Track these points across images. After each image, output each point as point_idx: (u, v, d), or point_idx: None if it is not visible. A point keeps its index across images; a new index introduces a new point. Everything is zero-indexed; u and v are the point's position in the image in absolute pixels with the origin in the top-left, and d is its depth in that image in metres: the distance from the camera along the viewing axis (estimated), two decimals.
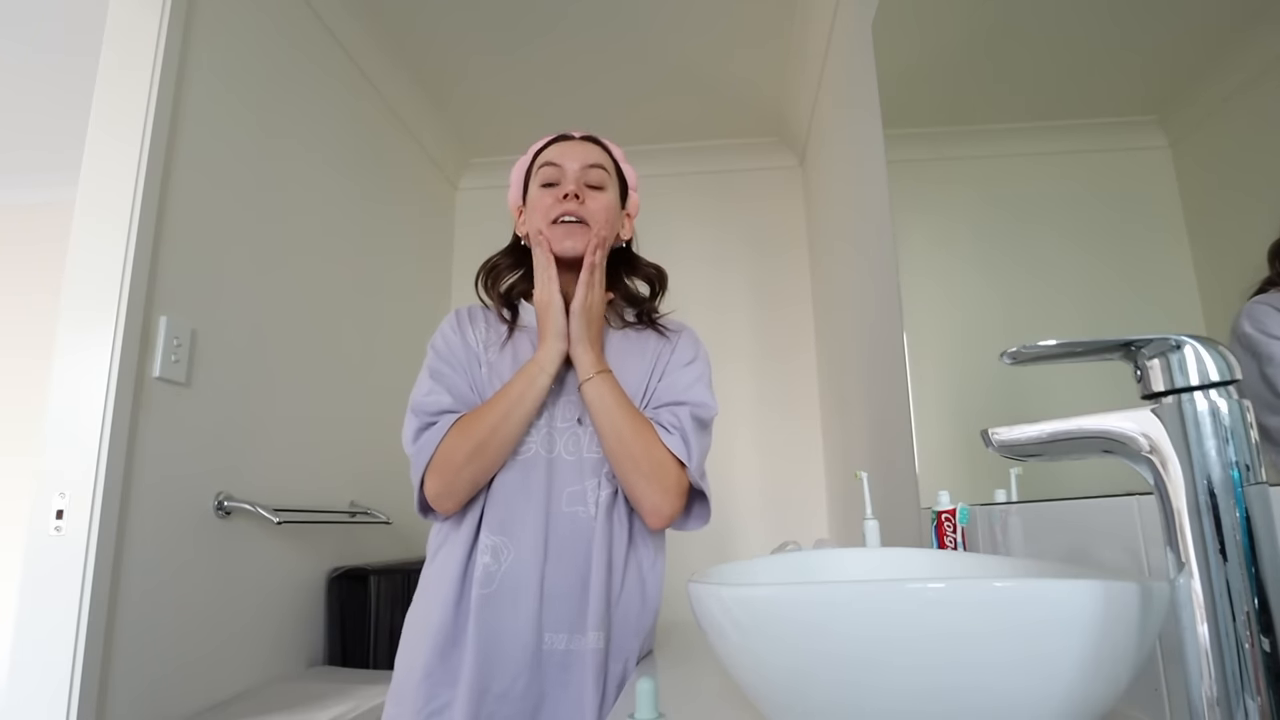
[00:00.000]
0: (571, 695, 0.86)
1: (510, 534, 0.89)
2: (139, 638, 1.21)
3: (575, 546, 0.89)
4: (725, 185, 2.66)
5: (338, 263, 1.90)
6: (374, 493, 1.95)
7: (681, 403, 0.94)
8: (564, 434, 0.93)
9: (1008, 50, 0.89)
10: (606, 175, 0.98)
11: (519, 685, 0.85)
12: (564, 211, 0.94)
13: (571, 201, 0.94)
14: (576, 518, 0.90)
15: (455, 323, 0.99)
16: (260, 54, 1.61)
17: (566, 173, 0.96)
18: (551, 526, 0.90)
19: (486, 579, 0.87)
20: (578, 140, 1.01)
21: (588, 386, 0.90)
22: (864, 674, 0.38)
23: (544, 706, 0.86)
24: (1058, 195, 0.77)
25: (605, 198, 0.97)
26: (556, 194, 0.95)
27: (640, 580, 0.92)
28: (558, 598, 0.88)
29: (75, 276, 1.23)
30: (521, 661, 0.85)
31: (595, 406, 0.90)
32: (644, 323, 1.02)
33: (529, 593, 0.87)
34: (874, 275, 1.55)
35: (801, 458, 2.40)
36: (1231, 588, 0.33)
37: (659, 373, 0.98)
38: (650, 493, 0.88)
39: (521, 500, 0.90)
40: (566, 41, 2.10)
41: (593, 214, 0.95)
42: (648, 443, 0.89)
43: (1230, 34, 0.54)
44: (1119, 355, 0.37)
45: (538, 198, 0.97)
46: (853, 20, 1.64)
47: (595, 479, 0.92)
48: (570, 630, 0.87)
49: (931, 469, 1.17)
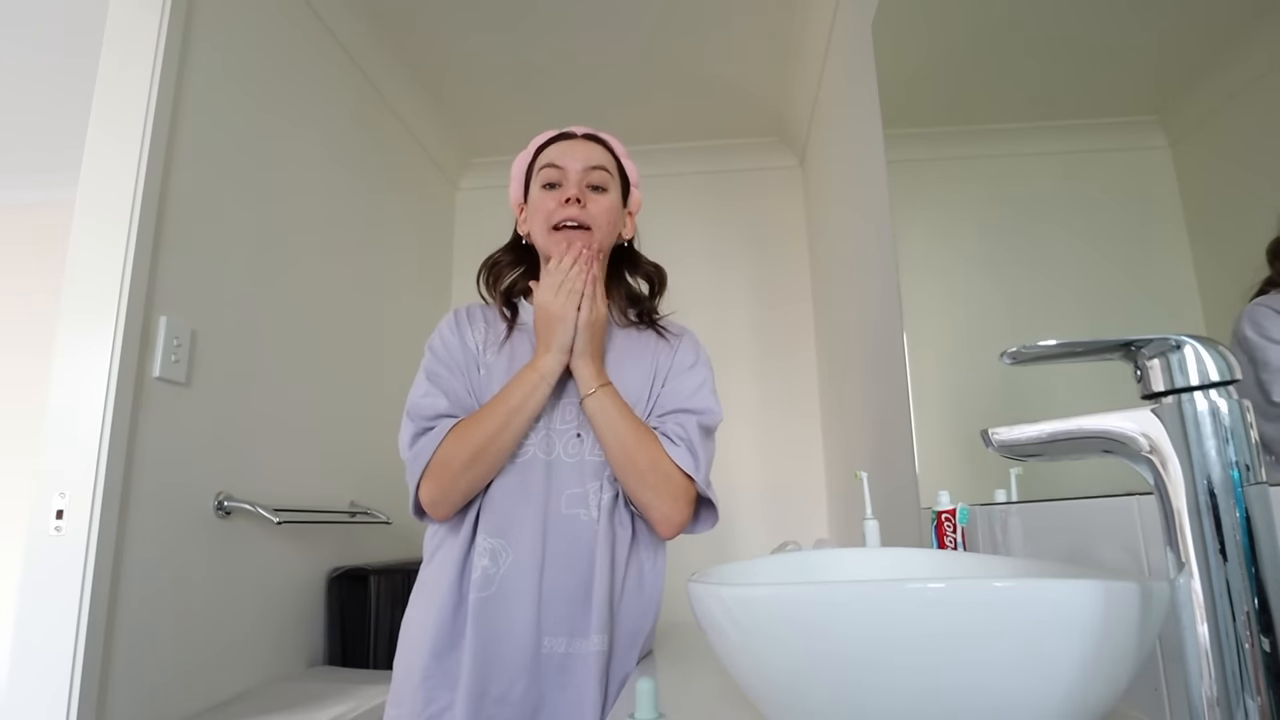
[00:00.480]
0: (570, 698, 0.85)
1: (508, 537, 0.89)
2: (139, 637, 1.21)
3: (575, 550, 0.89)
4: (725, 185, 2.66)
5: (338, 263, 1.90)
6: (374, 493, 1.95)
7: (687, 410, 0.93)
8: (563, 436, 0.93)
9: (1008, 50, 0.89)
10: (609, 176, 0.98)
11: (518, 688, 0.85)
12: (566, 216, 0.94)
13: (573, 206, 0.94)
14: (577, 520, 0.90)
15: (454, 324, 0.99)
16: (260, 54, 1.61)
17: (568, 175, 0.96)
18: (550, 529, 0.89)
19: (485, 582, 0.87)
20: (580, 139, 1.00)
21: (590, 401, 0.90)
22: (864, 674, 0.38)
23: (543, 709, 0.85)
24: (1058, 195, 0.77)
25: (607, 199, 0.97)
26: (559, 197, 0.95)
27: (640, 581, 0.92)
28: (557, 601, 0.87)
29: (75, 276, 1.23)
30: (520, 665, 0.85)
31: (598, 420, 0.89)
32: (644, 323, 1.02)
33: (527, 596, 0.86)
34: (874, 275, 1.55)
35: (801, 458, 2.40)
36: (1231, 588, 0.33)
37: (661, 378, 0.97)
38: (659, 503, 0.88)
39: (519, 503, 0.90)
40: (567, 41, 2.10)
41: (594, 217, 0.95)
42: (654, 456, 0.88)
43: (1231, 33, 0.54)
44: (1119, 355, 0.37)
45: (539, 199, 0.97)
46: (853, 20, 1.64)
47: (597, 482, 0.91)
48: (570, 634, 0.87)
49: (931, 469, 1.17)
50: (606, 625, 0.87)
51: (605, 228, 0.96)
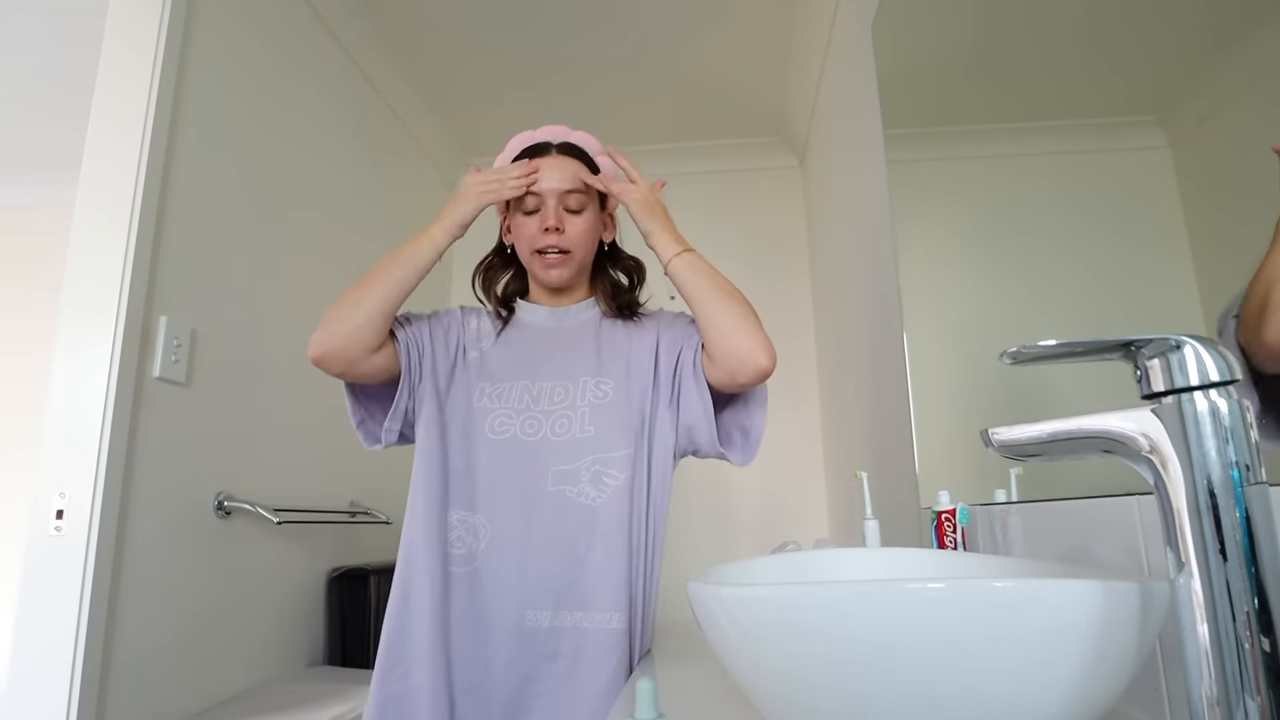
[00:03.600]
0: (564, 669, 0.88)
1: (489, 513, 0.92)
2: (139, 637, 1.21)
3: (563, 526, 0.91)
4: (725, 185, 2.66)
5: (337, 262, 1.90)
6: (374, 493, 1.95)
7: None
8: (551, 416, 0.95)
9: (1008, 50, 0.89)
10: (585, 197, 1.01)
11: (501, 658, 0.88)
12: (546, 244, 0.99)
13: (553, 235, 0.98)
14: (564, 497, 0.92)
15: (459, 312, 1.06)
16: (260, 53, 1.61)
17: (546, 200, 0.99)
18: (534, 506, 0.92)
19: (467, 556, 0.91)
20: (555, 155, 1.02)
21: (678, 261, 0.94)
22: (864, 674, 0.38)
23: (535, 680, 0.88)
24: (1058, 195, 0.77)
25: (584, 221, 1.01)
26: (538, 225, 0.99)
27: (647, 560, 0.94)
28: (541, 576, 0.90)
29: (75, 276, 1.23)
30: (501, 637, 0.88)
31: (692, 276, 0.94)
32: (624, 316, 1.05)
33: (508, 571, 0.90)
34: (874, 275, 1.55)
35: (801, 457, 2.40)
36: (1231, 588, 0.33)
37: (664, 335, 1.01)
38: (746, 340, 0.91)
39: (499, 480, 0.93)
40: (566, 41, 2.10)
41: (573, 239, 1.00)
42: (746, 305, 0.94)
43: (1230, 34, 0.54)
44: (1119, 355, 0.37)
45: (521, 225, 1.01)
46: (853, 20, 1.64)
47: (590, 457, 0.93)
48: (555, 606, 0.89)
49: (931, 469, 1.17)
50: (623, 603, 0.89)
51: (584, 247, 1.01)
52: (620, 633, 0.88)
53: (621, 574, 0.90)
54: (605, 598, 0.89)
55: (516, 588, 0.89)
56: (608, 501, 0.92)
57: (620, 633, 0.88)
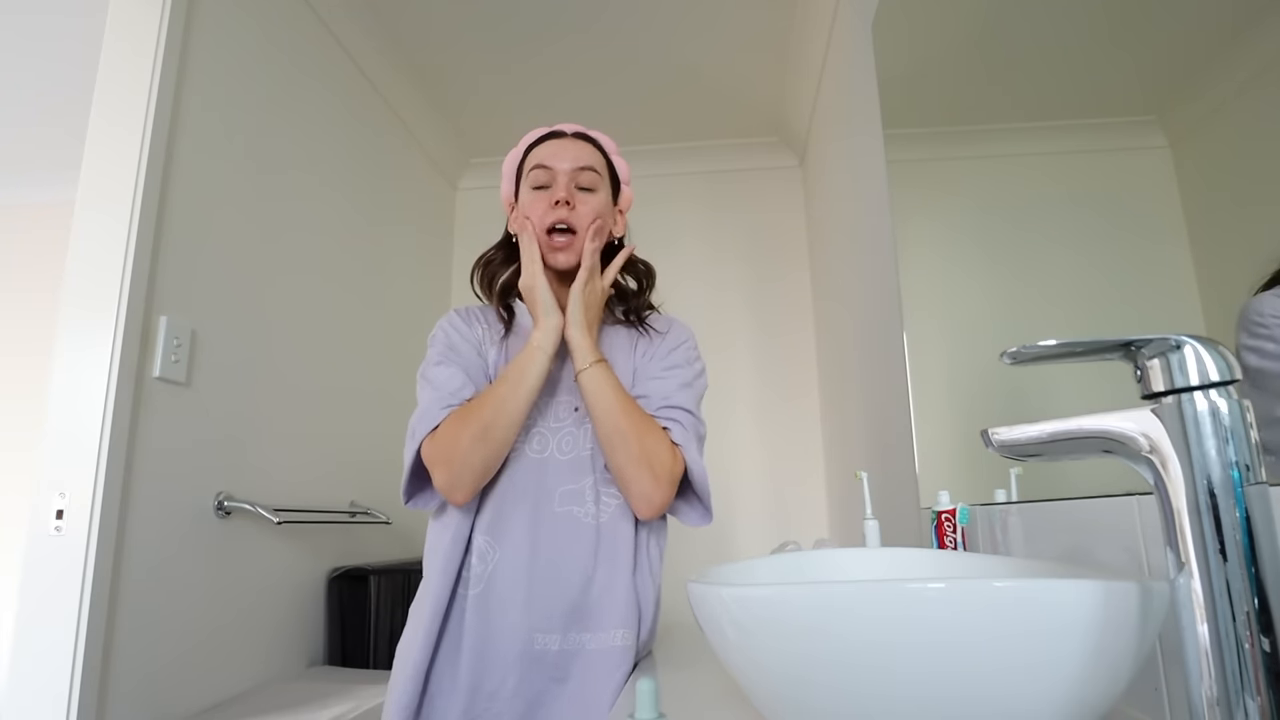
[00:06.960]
0: (573, 691, 0.86)
1: (496, 535, 0.89)
2: (139, 637, 1.21)
3: (571, 547, 0.89)
4: (725, 185, 2.66)
5: (337, 262, 1.90)
6: (374, 493, 1.95)
7: (675, 407, 0.93)
8: (558, 433, 0.93)
9: (1008, 50, 0.89)
10: (598, 176, 0.98)
11: (509, 684, 0.85)
12: (555, 220, 0.94)
13: (563, 209, 0.94)
14: (571, 517, 0.90)
15: (458, 317, 1.00)
16: (260, 54, 1.61)
17: (557, 176, 0.96)
18: (542, 527, 0.90)
19: (475, 579, 0.88)
20: (569, 138, 1.00)
21: (585, 376, 0.89)
22: (864, 674, 0.38)
23: (543, 704, 0.86)
24: (1058, 195, 0.77)
25: (596, 200, 0.97)
26: (548, 199, 0.95)
27: (651, 575, 0.93)
28: (548, 598, 0.88)
29: (75, 276, 1.23)
30: (510, 661, 0.86)
31: (590, 392, 0.89)
32: (630, 322, 1.02)
33: (516, 593, 0.87)
34: (874, 275, 1.55)
35: (801, 457, 2.40)
36: (1231, 588, 0.33)
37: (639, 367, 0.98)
38: (640, 478, 0.87)
39: (509, 502, 0.90)
40: (566, 42, 2.10)
41: (583, 218, 0.95)
42: (641, 431, 0.87)
43: (1230, 34, 0.54)
44: (1119, 355, 0.37)
45: (529, 201, 0.97)
46: (853, 21, 1.64)
47: (592, 476, 0.92)
48: (564, 630, 0.87)
49: (931, 469, 1.17)
50: (630, 619, 0.88)
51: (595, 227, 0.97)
52: (626, 649, 0.87)
53: (628, 591, 0.89)
54: (612, 616, 0.88)
55: (524, 611, 0.87)
56: (610, 520, 0.91)
57: (626, 649, 0.87)
